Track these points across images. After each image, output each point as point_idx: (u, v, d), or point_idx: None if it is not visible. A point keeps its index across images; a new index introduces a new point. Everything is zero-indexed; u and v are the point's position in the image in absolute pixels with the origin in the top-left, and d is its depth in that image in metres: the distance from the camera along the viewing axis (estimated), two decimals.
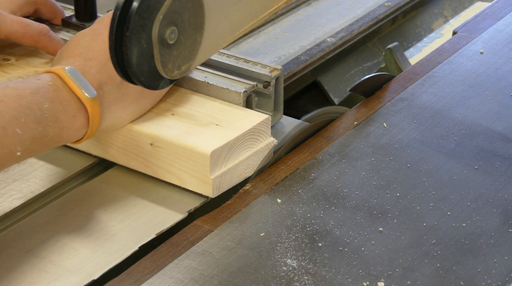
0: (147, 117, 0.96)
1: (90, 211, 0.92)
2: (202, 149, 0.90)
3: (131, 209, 0.92)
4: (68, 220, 0.90)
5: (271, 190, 0.93)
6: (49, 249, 0.86)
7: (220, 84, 0.99)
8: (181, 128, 0.94)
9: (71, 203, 0.93)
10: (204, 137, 0.92)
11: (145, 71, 0.82)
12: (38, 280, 0.83)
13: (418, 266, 0.82)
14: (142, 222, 0.90)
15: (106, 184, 0.96)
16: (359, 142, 1.01)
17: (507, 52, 1.20)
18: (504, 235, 0.86)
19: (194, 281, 0.81)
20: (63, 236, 0.88)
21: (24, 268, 0.84)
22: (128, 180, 0.97)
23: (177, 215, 0.91)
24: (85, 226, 0.89)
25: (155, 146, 0.93)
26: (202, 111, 0.97)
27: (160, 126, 0.94)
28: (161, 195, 0.94)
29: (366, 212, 0.89)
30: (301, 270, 0.82)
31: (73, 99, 0.87)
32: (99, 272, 0.83)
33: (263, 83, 0.98)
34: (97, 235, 0.88)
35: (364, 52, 1.39)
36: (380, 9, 1.41)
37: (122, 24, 0.78)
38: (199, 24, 0.85)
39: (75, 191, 0.95)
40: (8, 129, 0.81)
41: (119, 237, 0.88)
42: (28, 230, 0.89)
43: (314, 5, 1.44)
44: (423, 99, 1.09)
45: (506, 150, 0.99)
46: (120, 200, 0.93)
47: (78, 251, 0.86)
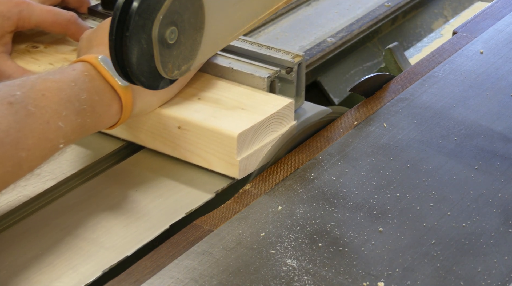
0: (175, 101, 0.99)
1: (121, 191, 0.95)
2: (229, 132, 0.94)
3: (160, 190, 0.95)
4: (100, 200, 0.94)
5: (271, 190, 0.93)
6: (83, 227, 0.89)
7: (244, 69, 1.02)
8: (207, 112, 0.97)
9: (102, 184, 0.97)
10: (230, 120, 0.95)
11: (145, 71, 0.82)
12: (74, 257, 0.86)
13: (418, 266, 0.82)
14: (171, 202, 0.93)
15: (135, 166, 1.00)
16: (359, 142, 1.01)
17: (507, 52, 1.20)
18: (504, 235, 0.86)
19: (194, 281, 0.81)
20: (96, 215, 0.91)
21: (60, 245, 0.87)
22: (156, 162, 1.00)
23: (205, 195, 0.94)
24: (117, 206, 0.93)
25: (182, 129, 0.96)
26: (227, 95, 1.00)
27: (187, 110, 0.97)
28: (189, 177, 0.97)
29: (366, 212, 0.89)
30: (301, 270, 0.82)
31: (107, 88, 0.90)
32: (132, 248, 0.86)
33: (286, 69, 1.01)
34: (129, 214, 0.91)
35: (364, 52, 1.39)
36: (380, 9, 1.41)
37: (122, 24, 0.78)
38: (199, 24, 0.85)
39: (106, 173, 0.99)
40: (51, 123, 0.84)
41: (150, 216, 0.91)
42: (62, 210, 0.92)
43: (314, 5, 1.44)
44: (423, 99, 1.09)
45: (506, 150, 0.99)
46: (150, 181, 0.97)
47: (111, 229, 0.89)
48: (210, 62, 1.04)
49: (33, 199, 0.93)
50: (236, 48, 1.05)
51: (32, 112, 0.83)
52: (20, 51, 1.11)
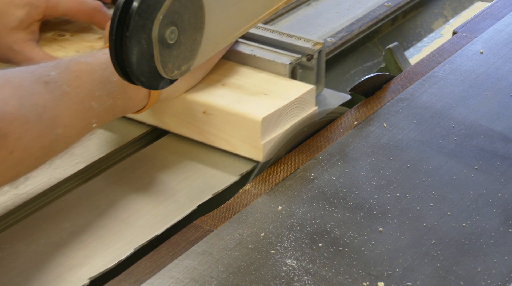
0: (199, 87, 1.02)
1: (149, 174, 0.98)
2: (253, 116, 0.97)
3: (187, 172, 0.98)
4: (129, 182, 0.97)
5: (271, 190, 0.93)
6: (114, 208, 0.93)
7: (267, 57, 1.05)
8: (232, 97, 1.00)
9: (130, 167, 1.00)
10: (254, 105, 0.98)
11: (145, 71, 0.82)
12: (107, 235, 0.89)
13: (418, 266, 0.82)
14: (198, 184, 0.97)
15: (161, 150, 1.03)
16: (359, 142, 1.01)
17: (507, 52, 1.20)
18: (504, 235, 0.86)
19: (194, 281, 0.81)
20: (126, 196, 0.95)
21: (93, 225, 0.90)
22: (181, 146, 1.03)
23: (231, 177, 0.97)
24: (146, 187, 0.96)
25: (207, 114, 0.99)
26: (250, 81, 1.03)
27: (212, 95, 1.01)
28: (214, 160, 1.00)
29: (366, 212, 0.89)
30: (301, 270, 0.82)
31: None
32: (162, 228, 0.90)
33: (307, 56, 1.04)
34: (158, 195, 0.95)
35: (364, 52, 1.39)
36: (380, 9, 1.41)
37: (122, 24, 0.78)
38: (199, 24, 0.85)
39: (133, 157, 1.02)
40: (85, 102, 0.86)
41: (178, 197, 0.94)
42: (93, 191, 0.96)
43: (314, 5, 1.44)
44: (423, 99, 1.09)
45: (506, 150, 0.99)
46: (176, 164, 1.00)
47: (141, 209, 0.93)
48: (233, 49, 1.07)
49: (64, 181, 0.97)
50: (257, 36, 1.08)
51: (67, 92, 0.85)
52: (47, 39, 1.14)
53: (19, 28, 1.09)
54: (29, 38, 1.09)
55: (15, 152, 0.81)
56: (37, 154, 0.83)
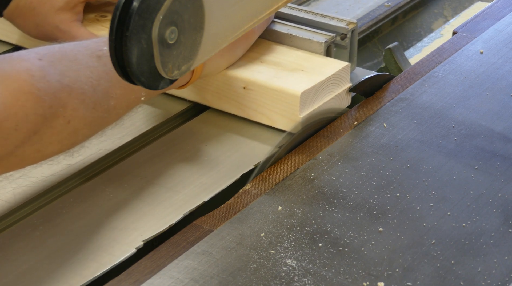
0: (239, 64, 1.06)
1: (192, 145, 1.03)
2: (292, 90, 1.01)
3: (228, 144, 1.03)
4: (175, 153, 1.02)
5: (271, 190, 0.93)
6: (161, 177, 0.98)
7: (302, 35, 1.10)
8: (270, 73, 1.04)
9: (175, 139, 1.05)
10: (292, 80, 1.03)
11: (145, 71, 0.82)
12: (155, 202, 0.94)
13: (418, 266, 0.82)
14: (239, 155, 1.01)
15: (203, 124, 1.08)
16: (359, 142, 1.01)
17: (507, 52, 1.20)
18: (504, 235, 0.86)
19: (194, 281, 0.81)
20: (172, 165, 1.00)
21: (141, 192, 0.95)
22: (222, 121, 1.08)
23: (270, 149, 1.00)
24: (190, 158, 1.01)
25: (247, 89, 1.04)
26: (287, 59, 1.07)
27: (251, 71, 1.05)
28: (253, 133, 1.05)
29: (366, 212, 0.89)
30: (301, 270, 0.82)
31: None
32: (208, 195, 0.94)
33: (340, 35, 1.08)
34: (202, 165, 0.99)
35: (364, 52, 1.39)
36: (380, 9, 1.40)
37: (122, 24, 0.78)
38: (199, 24, 0.85)
39: (177, 131, 1.07)
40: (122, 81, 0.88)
41: (221, 167, 0.99)
42: (141, 161, 1.01)
43: (314, 5, 1.43)
44: (423, 99, 1.09)
45: (506, 150, 0.99)
46: (218, 137, 1.05)
47: (187, 178, 0.97)
48: (270, 29, 1.11)
49: (113, 152, 1.02)
50: (292, 16, 1.13)
51: None
52: (90, 20, 1.18)
53: (65, 8, 1.13)
54: (75, 18, 1.14)
55: (72, 122, 0.84)
56: (92, 124, 0.87)
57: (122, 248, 0.87)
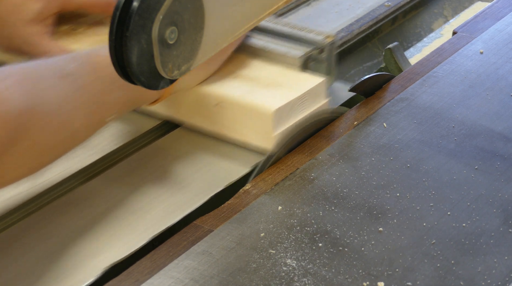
0: (212, 79, 1.03)
1: (162, 165, 1.00)
2: (266, 108, 0.98)
3: (200, 163, 1.00)
4: (143, 173, 0.99)
5: (271, 190, 0.93)
6: (128, 198, 0.94)
7: (279, 49, 1.07)
8: (244, 89, 1.01)
9: (144, 158, 1.02)
10: (267, 97, 1.00)
11: (145, 71, 0.82)
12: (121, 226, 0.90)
13: (418, 266, 0.82)
14: (211, 174, 0.98)
15: (174, 142, 1.05)
16: (359, 142, 1.01)
17: (507, 52, 1.20)
18: (504, 235, 0.86)
19: (194, 281, 0.81)
20: (140, 186, 0.96)
21: (107, 216, 0.92)
22: (194, 138, 1.05)
23: (243, 169, 0.98)
24: (159, 178, 0.98)
25: (220, 106, 1.00)
26: (262, 74, 1.04)
27: (225, 87, 1.02)
28: (226, 152, 1.02)
29: (366, 212, 0.89)
30: (301, 270, 0.82)
31: None
32: (176, 217, 0.91)
33: (318, 49, 1.06)
34: (172, 185, 0.96)
35: (364, 52, 1.39)
36: (380, 9, 1.40)
37: (122, 24, 0.78)
38: (199, 24, 0.85)
39: (147, 148, 1.03)
40: (101, 96, 0.87)
41: (191, 188, 0.96)
42: (107, 182, 0.97)
43: (314, 5, 1.43)
44: (423, 99, 1.09)
45: (506, 150, 0.99)
46: (189, 156, 1.02)
47: (155, 199, 0.94)
48: (245, 42, 1.09)
49: (79, 172, 0.98)
50: (270, 29, 1.10)
51: (84, 85, 0.86)
52: (62, 32, 1.15)
53: (35, 21, 1.09)
54: (45, 31, 1.10)
55: (37, 145, 0.82)
56: (57, 146, 0.85)
57: (80, 277, 0.84)
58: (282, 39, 1.08)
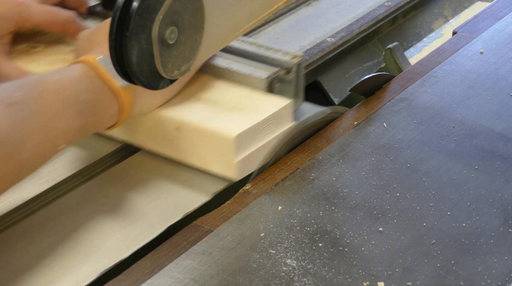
0: (173, 102, 0.98)
1: (118, 193, 0.95)
2: (227, 133, 0.93)
3: (158, 191, 0.95)
4: (97, 201, 0.94)
5: (271, 190, 0.93)
6: (80, 230, 0.89)
7: (243, 70, 1.01)
8: (206, 113, 0.96)
9: (100, 185, 0.97)
10: (228, 121, 0.95)
11: (145, 71, 0.82)
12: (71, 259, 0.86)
13: (418, 266, 0.82)
14: (169, 203, 0.93)
15: (132, 168, 0.99)
16: (359, 142, 1.01)
17: (507, 52, 1.20)
18: (504, 235, 0.86)
19: (194, 281, 0.81)
20: (93, 217, 0.91)
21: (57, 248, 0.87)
22: (153, 164, 0.99)
23: (203, 197, 0.94)
24: (114, 207, 0.93)
25: (180, 130, 0.95)
26: (226, 96, 0.99)
27: (185, 111, 0.97)
28: (186, 178, 0.97)
29: (366, 212, 0.89)
30: (301, 270, 0.82)
31: (106, 89, 0.90)
32: (129, 251, 0.87)
33: (285, 70, 1.01)
34: (126, 216, 0.91)
35: (364, 52, 1.39)
36: (380, 9, 1.40)
37: (122, 24, 0.78)
38: (199, 24, 0.85)
39: (103, 175, 0.98)
40: (51, 124, 0.84)
41: (148, 217, 0.91)
42: (59, 212, 0.92)
43: (314, 5, 1.43)
44: (423, 99, 1.09)
45: (506, 150, 0.99)
46: (147, 183, 0.97)
47: (108, 231, 0.89)
48: (209, 63, 1.04)
49: (31, 200, 0.93)
50: (235, 48, 1.05)
51: (32, 113, 0.83)
52: (19, 51, 1.11)
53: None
54: (1, 50, 1.06)
55: None
56: (2, 179, 0.81)
57: None
58: (247, 60, 1.03)
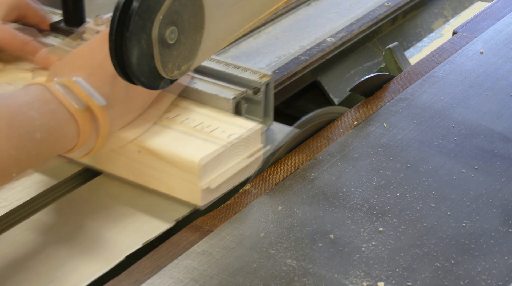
0: (136, 124, 0.93)
1: (76, 220, 0.90)
2: (191, 158, 0.88)
3: (118, 218, 0.90)
4: (52, 231, 0.89)
5: (271, 190, 0.93)
6: (34, 260, 0.85)
7: (210, 90, 0.97)
8: (169, 135, 0.92)
9: (58, 211, 0.92)
10: (193, 146, 0.90)
11: (145, 71, 0.82)
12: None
13: (418, 266, 0.82)
14: (129, 231, 0.89)
15: (93, 193, 0.94)
16: (359, 142, 1.01)
17: (507, 52, 1.20)
18: (504, 235, 0.86)
19: (194, 281, 0.81)
20: (49, 246, 0.87)
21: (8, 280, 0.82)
22: (115, 188, 0.95)
23: (164, 224, 0.89)
24: (72, 236, 0.88)
25: (142, 154, 0.91)
26: (192, 118, 0.95)
27: (148, 133, 0.92)
28: (149, 204, 0.92)
29: (366, 212, 0.89)
30: (301, 270, 0.82)
31: (63, 111, 0.85)
32: (84, 282, 0.82)
33: (253, 89, 0.97)
34: (83, 245, 0.87)
35: (364, 52, 1.39)
36: (380, 9, 1.41)
37: (122, 25, 0.78)
38: (199, 24, 0.85)
39: (62, 200, 0.94)
40: (3, 151, 0.80)
41: (106, 247, 0.87)
42: (12, 240, 0.87)
43: (314, 5, 1.44)
44: (423, 99, 1.09)
45: (506, 150, 0.99)
46: (107, 209, 0.92)
47: (63, 261, 0.85)
48: None
49: None
50: (202, 67, 1.00)
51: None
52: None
53: None
54: None
55: None
56: None
57: None
58: (215, 79, 0.99)
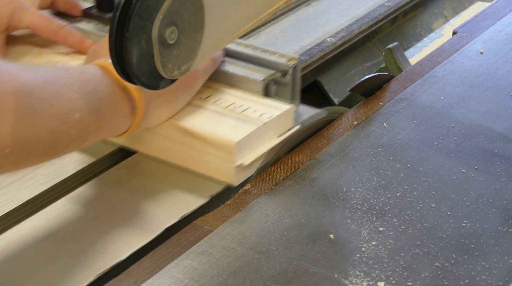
0: None
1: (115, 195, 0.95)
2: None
3: (154, 194, 0.95)
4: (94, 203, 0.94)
5: (271, 190, 0.93)
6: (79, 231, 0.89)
7: (239, 72, 1.01)
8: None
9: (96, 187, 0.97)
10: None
11: (145, 71, 0.82)
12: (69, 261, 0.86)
13: (418, 266, 0.82)
14: (166, 206, 0.93)
15: (129, 170, 1.00)
16: (359, 142, 1.01)
17: (507, 52, 1.20)
18: (504, 235, 0.86)
19: (194, 281, 0.81)
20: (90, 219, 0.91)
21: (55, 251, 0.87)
22: (149, 166, 0.99)
23: (200, 200, 0.94)
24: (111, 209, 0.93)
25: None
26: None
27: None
28: (182, 181, 0.97)
29: (366, 212, 0.89)
30: (301, 270, 0.82)
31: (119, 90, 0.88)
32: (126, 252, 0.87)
33: (281, 72, 1.00)
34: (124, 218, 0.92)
35: (364, 52, 1.39)
36: (380, 9, 1.41)
37: (122, 25, 0.78)
38: (199, 24, 0.85)
39: (100, 177, 0.98)
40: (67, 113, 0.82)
41: (146, 220, 0.91)
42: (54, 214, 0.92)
43: (314, 5, 1.44)
44: (423, 99, 1.09)
45: (506, 150, 0.99)
46: (143, 185, 0.97)
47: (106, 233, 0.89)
48: None
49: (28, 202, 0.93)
50: (231, 51, 1.04)
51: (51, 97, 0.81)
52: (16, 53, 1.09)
53: None
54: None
55: None
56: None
57: None
58: (243, 62, 1.02)
